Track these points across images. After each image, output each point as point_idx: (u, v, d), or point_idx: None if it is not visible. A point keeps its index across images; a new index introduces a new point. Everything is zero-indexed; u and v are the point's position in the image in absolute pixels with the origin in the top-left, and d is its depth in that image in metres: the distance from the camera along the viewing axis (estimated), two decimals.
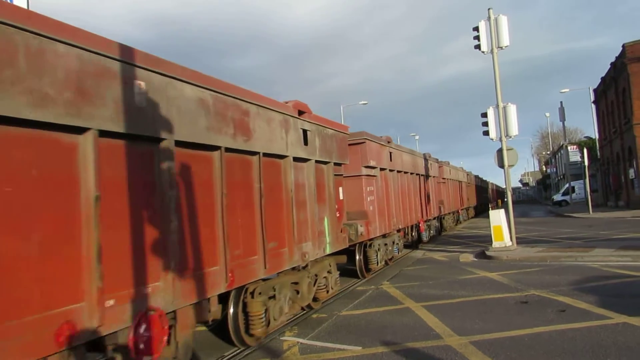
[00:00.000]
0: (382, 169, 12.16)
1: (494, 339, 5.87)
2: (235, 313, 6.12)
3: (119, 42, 4.11)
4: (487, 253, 13.45)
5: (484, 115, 14.62)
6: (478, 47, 14.40)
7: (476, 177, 41.98)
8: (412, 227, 15.83)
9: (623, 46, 30.63)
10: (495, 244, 14.12)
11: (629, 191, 32.73)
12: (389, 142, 12.98)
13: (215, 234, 5.34)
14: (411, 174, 15.44)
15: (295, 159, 7.26)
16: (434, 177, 19.67)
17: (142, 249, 4.29)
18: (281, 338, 6.63)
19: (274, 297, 6.75)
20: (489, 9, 14.21)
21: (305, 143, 7.58)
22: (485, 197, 49.12)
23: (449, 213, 24.78)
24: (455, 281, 10.01)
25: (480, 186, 44.87)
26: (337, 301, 8.85)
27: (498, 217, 14.41)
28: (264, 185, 6.28)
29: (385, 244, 12.42)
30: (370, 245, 11.40)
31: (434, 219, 20.01)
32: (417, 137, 59.22)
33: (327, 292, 8.71)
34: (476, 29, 14.40)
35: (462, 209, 30.61)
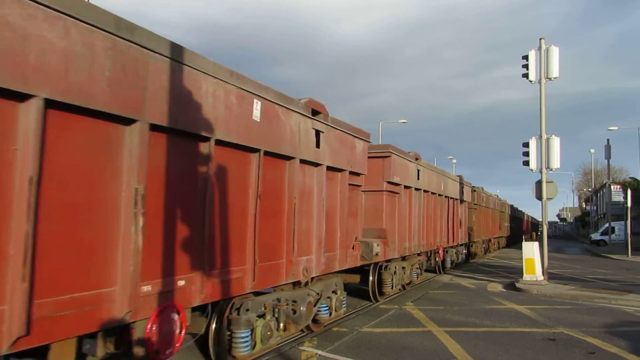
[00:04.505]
0: None
1: None
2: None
3: None
4: (517, 285, 13.12)
5: (526, 145, 14.37)
6: (526, 75, 14.20)
7: (511, 206, 40.77)
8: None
9: None
10: (526, 276, 13.76)
11: None
12: None
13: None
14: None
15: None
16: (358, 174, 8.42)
17: None
18: (300, 348, 6.65)
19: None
20: (540, 39, 14.00)
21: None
22: (518, 228, 47.54)
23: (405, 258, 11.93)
24: (481, 310, 9.81)
25: (514, 216, 43.45)
26: (359, 317, 8.81)
27: (531, 250, 14.06)
28: None
29: None
30: None
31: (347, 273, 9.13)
32: (454, 161, 58.23)
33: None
34: (525, 57, 14.21)
35: (452, 247, 17.03)
